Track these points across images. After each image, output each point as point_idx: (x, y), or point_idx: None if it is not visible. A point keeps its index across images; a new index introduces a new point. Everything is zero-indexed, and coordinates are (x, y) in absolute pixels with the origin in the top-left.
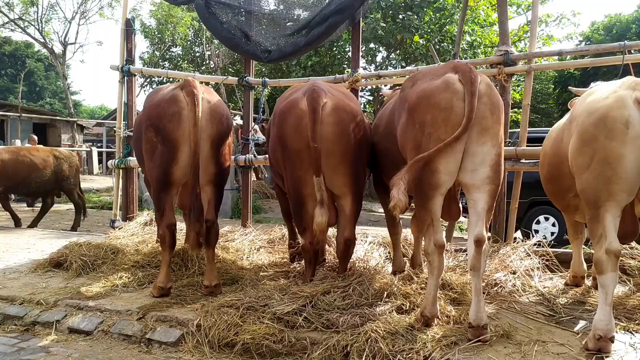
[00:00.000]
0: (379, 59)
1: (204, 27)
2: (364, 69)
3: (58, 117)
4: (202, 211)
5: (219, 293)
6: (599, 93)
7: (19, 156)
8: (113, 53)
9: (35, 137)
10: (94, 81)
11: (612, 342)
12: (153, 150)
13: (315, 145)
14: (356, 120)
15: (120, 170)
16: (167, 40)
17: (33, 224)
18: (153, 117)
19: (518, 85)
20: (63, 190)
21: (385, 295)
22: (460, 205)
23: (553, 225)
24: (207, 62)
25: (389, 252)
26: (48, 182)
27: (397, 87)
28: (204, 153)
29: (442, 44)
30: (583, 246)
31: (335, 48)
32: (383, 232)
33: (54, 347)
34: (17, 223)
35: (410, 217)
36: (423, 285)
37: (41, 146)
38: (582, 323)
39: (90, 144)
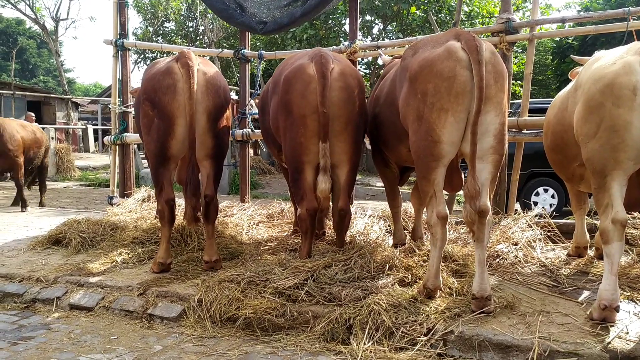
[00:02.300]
0: (375, 31)
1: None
2: (360, 41)
3: (52, 95)
4: (198, 186)
5: (219, 268)
6: (605, 59)
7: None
8: (106, 29)
9: (33, 115)
10: (88, 58)
11: (617, 311)
12: (150, 124)
13: (324, 111)
14: (360, 86)
15: (117, 146)
16: (160, 15)
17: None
18: (149, 90)
19: (515, 57)
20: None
21: (387, 268)
22: (463, 176)
23: (552, 196)
24: (201, 37)
25: (389, 226)
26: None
27: (397, 56)
28: (200, 126)
29: (440, 15)
30: (586, 217)
31: (330, 20)
32: (381, 205)
33: (55, 323)
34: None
35: (410, 190)
36: (425, 258)
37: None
38: (585, 293)
39: (86, 121)
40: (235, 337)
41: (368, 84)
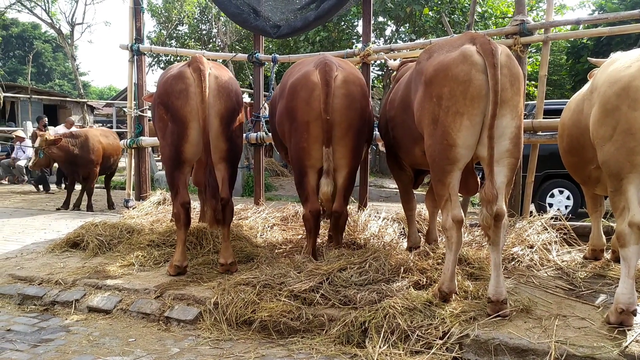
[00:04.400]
0: (388, 32)
1: (211, 3)
2: (373, 43)
3: (68, 98)
4: (217, 188)
5: (234, 271)
6: (621, 62)
7: None
8: (121, 33)
9: (45, 118)
10: (102, 62)
11: (635, 315)
12: (164, 128)
13: (327, 118)
14: (363, 92)
15: (133, 150)
16: (174, 18)
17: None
18: (162, 95)
19: (530, 57)
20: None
21: (402, 270)
22: (478, 179)
23: (568, 198)
24: (214, 39)
25: (403, 228)
26: None
27: (405, 59)
28: (213, 130)
29: (453, 16)
30: (602, 219)
31: (343, 22)
32: (395, 207)
33: (74, 326)
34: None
35: (424, 193)
36: (439, 261)
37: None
38: (602, 297)
39: (101, 124)
40: (251, 340)
41: (381, 86)
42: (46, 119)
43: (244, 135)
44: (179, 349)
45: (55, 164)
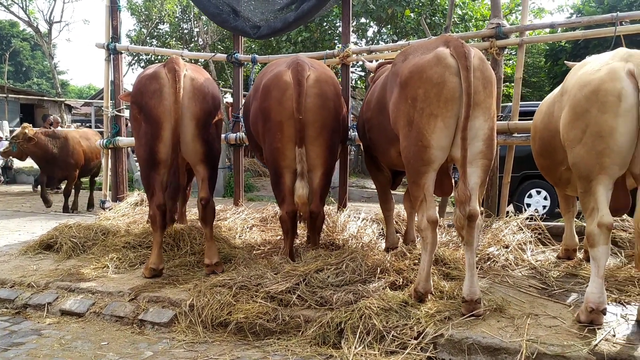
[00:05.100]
0: (369, 33)
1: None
2: (355, 44)
3: (45, 98)
4: (177, 189)
5: (220, 271)
6: (591, 65)
7: None
8: (100, 31)
9: (51, 117)
10: (82, 60)
11: (604, 314)
12: (138, 128)
13: (300, 117)
14: (336, 92)
15: (109, 150)
16: (154, 17)
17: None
18: (136, 95)
19: (509, 60)
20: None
21: (378, 271)
22: (453, 180)
23: (545, 198)
24: (196, 39)
25: (382, 229)
26: None
27: (382, 61)
28: (189, 132)
29: (434, 18)
30: (575, 219)
31: (325, 23)
32: (375, 208)
33: (46, 329)
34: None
35: (403, 193)
36: (416, 261)
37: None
38: (574, 296)
39: (79, 124)
40: (226, 342)
41: (363, 86)
42: (52, 117)
43: (224, 136)
44: (153, 352)
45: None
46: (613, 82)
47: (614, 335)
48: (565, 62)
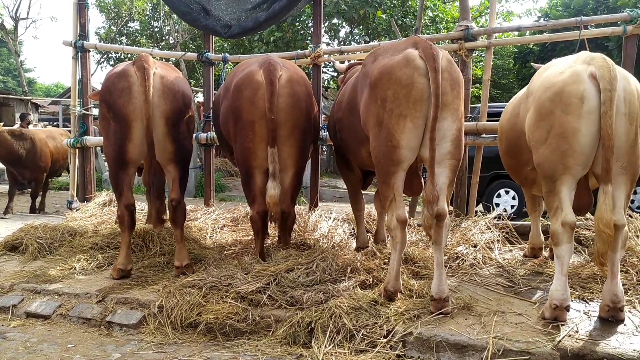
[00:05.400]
0: (342, 34)
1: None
2: (327, 44)
3: (12, 96)
4: (162, 188)
5: (191, 273)
6: (555, 68)
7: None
8: (67, 29)
9: (30, 116)
10: (49, 58)
11: (568, 310)
12: (107, 127)
13: (272, 117)
14: (308, 92)
15: (77, 149)
16: (124, 15)
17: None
18: (105, 93)
19: (480, 61)
20: None
21: (349, 270)
22: (422, 180)
23: (513, 198)
24: (167, 37)
25: (353, 229)
26: None
27: (353, 62)
28: (159, 131)
29: (405, 19)
30: (541, 218)
31: (298, 23)
32: (347, 208)
33: (11, 332)
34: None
35: (374, 194)
36: (386, 260)
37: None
38: (539, 293)
39: (47, 122)
40: (196, 343)
41: (336, 87)
42: (30, 117)
43: (194, 135)
44: (121, 355)
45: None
46: (576, 84)
47: (577, 331)
48: (532, 64)
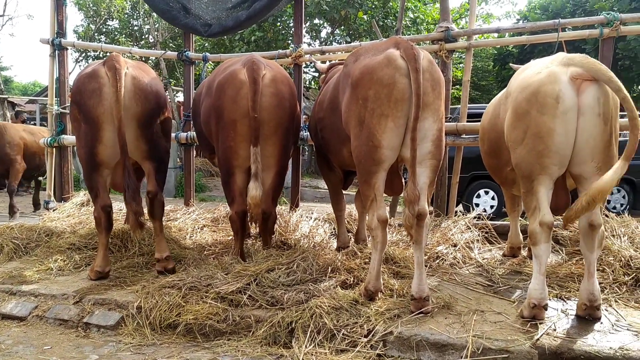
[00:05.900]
0: (323, 34)
1: None
2: (309, 44)
3: None
4: (137, 190)
5: (172, 266)
6: (532, 69)
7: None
8: (45, 27)
9: (24, 114)
10: (26, 56)
11: (546, 309)
12: (79, 128)
13: (255, 116)
14: (291, 92)
15: (54, 149)
16: (103, 13)
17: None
18: (75, 94)
19: (460, 63)
20: None
21: (329, 270)
22: (403, 180)
23: (492, 198)
24: (146, 36)
25: (334, 229)
26: None
27: (334, 62)
28: (131, 132)
29: (386, 20)
30: (520, 218)
31: (279, 23)
32: (328, 208)
33: None
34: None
35: (355, 194)
36: (367, 260)
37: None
38: (518, 292)
39: (24, 120)
40: (175, 344)
41: (316, 87)
42: (25, 114)
43: (174, 135)
44: (98, 356)
45: None
46: (552, 84)
47: (555, 330)
48: (510, 65)
